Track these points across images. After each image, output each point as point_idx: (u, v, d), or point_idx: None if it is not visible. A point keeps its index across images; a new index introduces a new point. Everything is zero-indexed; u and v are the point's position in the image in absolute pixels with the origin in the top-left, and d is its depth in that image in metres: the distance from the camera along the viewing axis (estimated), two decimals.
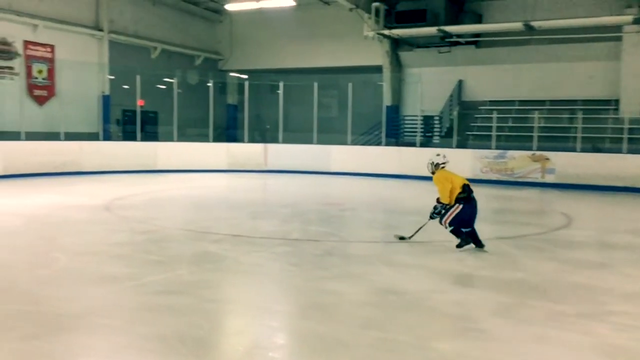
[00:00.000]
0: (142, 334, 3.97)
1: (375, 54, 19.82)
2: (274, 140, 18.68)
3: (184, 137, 18.00)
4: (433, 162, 6.83)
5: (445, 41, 18.62)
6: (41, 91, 16.80)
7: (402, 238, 7.11)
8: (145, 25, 20.01)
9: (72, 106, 16.65)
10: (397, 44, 19.84)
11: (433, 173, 6.80)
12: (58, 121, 15.89)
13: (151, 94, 18.49)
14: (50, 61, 16.93)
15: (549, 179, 15.10)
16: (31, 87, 16.53)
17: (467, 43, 18.97)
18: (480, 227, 6.80)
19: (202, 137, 18.69)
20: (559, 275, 5.83)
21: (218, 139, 19.69)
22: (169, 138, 17.82)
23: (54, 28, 16.88)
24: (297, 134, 18.53)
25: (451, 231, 6.69)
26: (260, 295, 5.06)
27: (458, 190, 6.56)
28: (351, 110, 17.73)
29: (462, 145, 16.82)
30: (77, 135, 16.33)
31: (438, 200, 6.72)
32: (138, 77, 17.06)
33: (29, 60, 16.40)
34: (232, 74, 23.60)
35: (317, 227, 8.87)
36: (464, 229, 6.66)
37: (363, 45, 19.52)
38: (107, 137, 18.14)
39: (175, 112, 17.46)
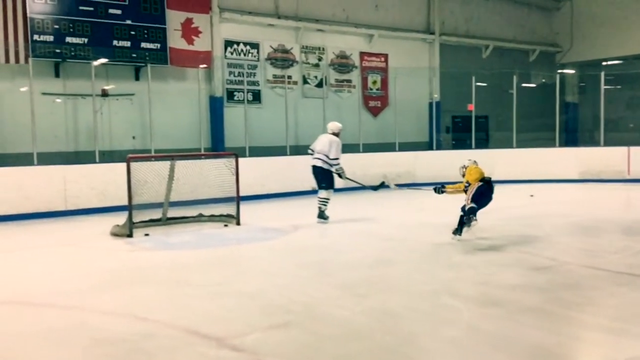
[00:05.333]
0: None
1: None
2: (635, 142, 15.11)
3: (520, 142, 15.89)
4: (464, 165, 7.33)
5: None
6: (375, 102, 16.63)
7: None
8: (476, 22, 18.47)
9: (403, 115, 16.06)
10: None
11: (463, 176, 7.28)
12: (390, 131, 15.46)
13: (478, 97, 16.82)
14: (383, 71, 16.65)
15: None
16: (366, 99, 16.46)
17: None
18: None
19: (542, 142, 16.24)
20: None
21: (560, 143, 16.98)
22: (503, 144, 15.91)
23: (387, 37, 16.53)
24: None
25: (469, 209, 6.76)
26: None
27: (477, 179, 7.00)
28: None
29: None
30: (408, 145, 15.68)
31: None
32: (473, 79, 15.70)
33: (365, 71, 16.34)
34: (560, 70, 20.39)
35: None
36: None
37: None
38: (439, 145, 17.14)
39: (515, 114, 15.51)
